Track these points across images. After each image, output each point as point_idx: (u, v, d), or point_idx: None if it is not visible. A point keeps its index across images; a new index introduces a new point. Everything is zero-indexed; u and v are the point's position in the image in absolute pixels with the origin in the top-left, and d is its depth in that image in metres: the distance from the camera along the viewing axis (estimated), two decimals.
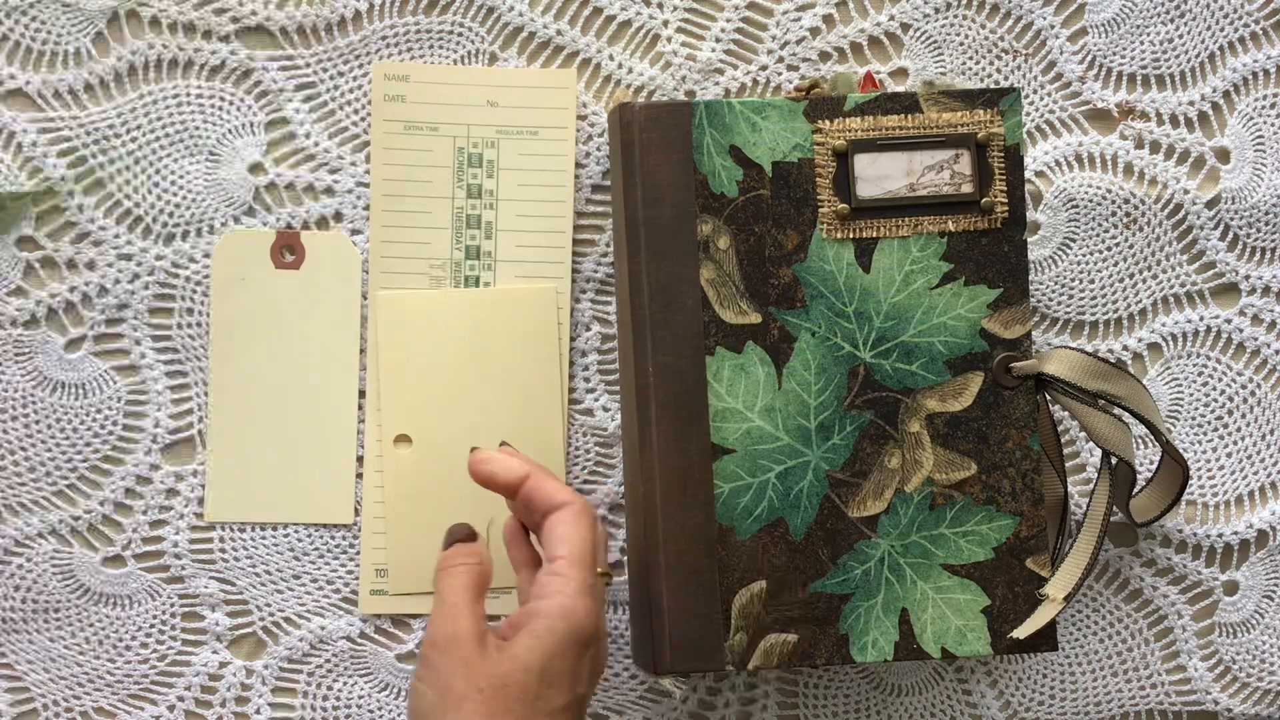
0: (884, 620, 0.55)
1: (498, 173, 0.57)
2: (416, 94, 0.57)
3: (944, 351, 0.55)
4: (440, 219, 0.58)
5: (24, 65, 0.59)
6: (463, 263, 0.57)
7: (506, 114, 0.57)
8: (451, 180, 0.57)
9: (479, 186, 0.57)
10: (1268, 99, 0.63)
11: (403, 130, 0.57)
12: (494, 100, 0.57)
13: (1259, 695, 0.63)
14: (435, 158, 0.57)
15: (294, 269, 0.57)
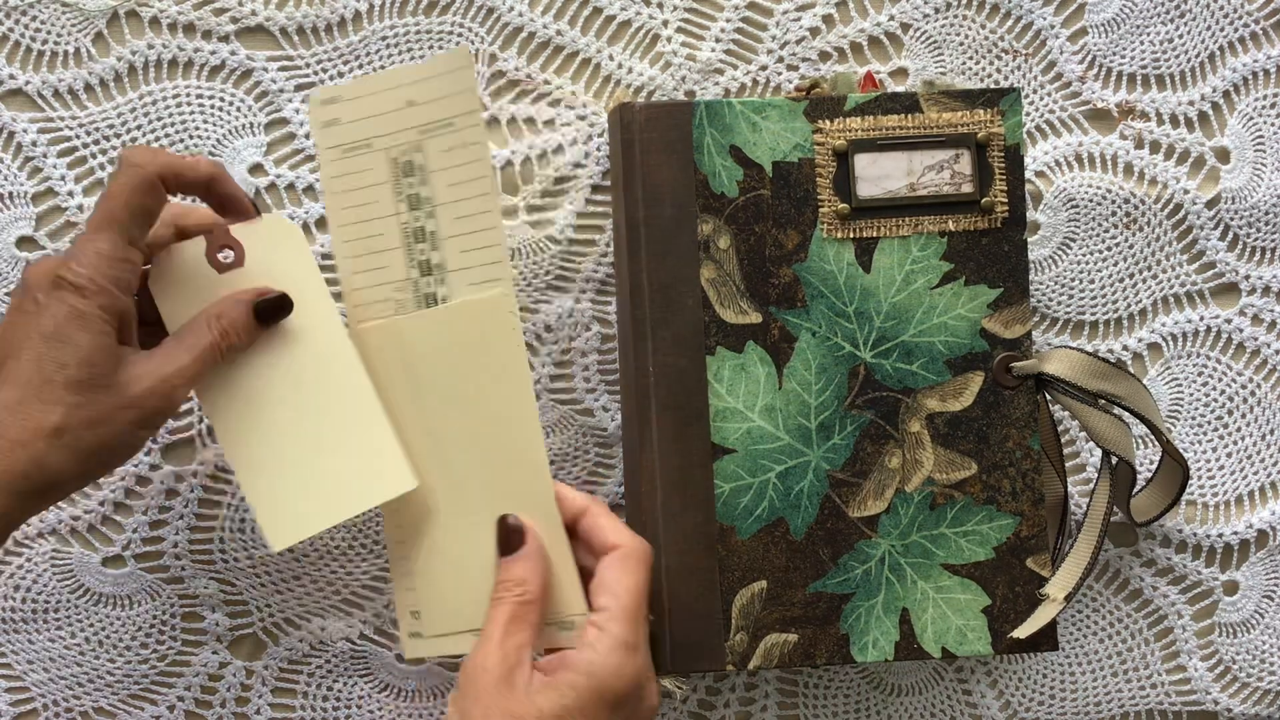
0: (884, 620, 0.55)
1: (429, 176, 0.53)
2: (347, 112, 0.53)
3: (944, 351, 0.55)
4: (391, 239, 0.54)
5: (24, 65, 0.59)
6: (419, 280, 0.54)
7: (424, 111, 0.53)
8: (392, 195, 0.53)
9: (418, 195, 0.53)
10: (1268, 99, 0.63)
11: (342, 155, 0.53)
12: (412, 99, 0.52)
13: (1259, 695, 0.63)
14: (374, 175, 0.53)
15: (239, 267, 0.52)
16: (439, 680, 0.61)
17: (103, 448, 0.47)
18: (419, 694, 0.61)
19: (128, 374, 0.47)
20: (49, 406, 0.45)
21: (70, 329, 0.46)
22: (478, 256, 0.53)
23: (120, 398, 0.46)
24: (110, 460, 0.48)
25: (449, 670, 0.61)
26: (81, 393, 0.45)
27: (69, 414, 0.45)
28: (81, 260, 0.46)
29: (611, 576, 0.50)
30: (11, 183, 0.59)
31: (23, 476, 0.45)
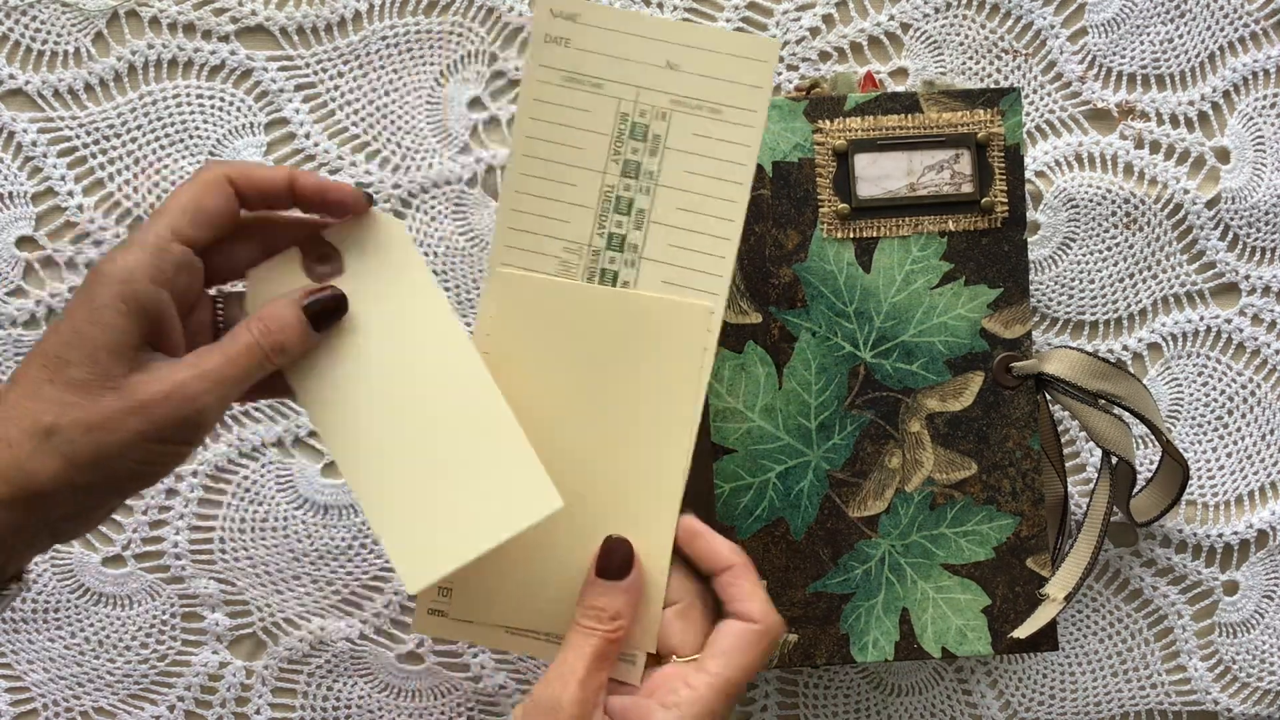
0: (884, 620, 0.55)
1: (663, 151, 0.46)
2: (583, 39, 0.46)
3: (944, 351, 0.55)
4: (585, 195, 0.47)
5: (24, 65, 0.59)
6: (602, 252, 0.47)
7: (687, 81, 0.46)
8: (607, 151, 0.47)
9: (638, 165, 0.47)
10: (1268, 99, 0.63)
11: (560, 82, 0.46)
12: (675, 62, 0.46)
13: (1259, 695, 0.63)
14: (593, 120, 0.46)
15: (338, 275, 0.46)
16: (439, 680, 0.61)
17: (101, 457, 0.40)
18: (419, 694, 0.61)
19: (141, 377, 0.41)
20: (43, 404, 0.40)
21: (84, 323, 0.40)
22: (691, 259, 0.47)
23: (126, 401, 0.40)
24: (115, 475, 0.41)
25: (450, 671, 0.61)
26: (81, 393, 0.40)
27: (62, 413, 0.40)
28: (114, 253, 0.41)
29: (734, 646, 0.45)
30: (11, 183, 0.59)
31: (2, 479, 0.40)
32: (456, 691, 0.61)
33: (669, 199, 0.47)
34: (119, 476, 0.41)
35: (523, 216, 0.48)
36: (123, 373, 0.41)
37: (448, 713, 0.62)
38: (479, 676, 0.61)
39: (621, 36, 0.46)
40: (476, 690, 0.61)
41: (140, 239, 0.41)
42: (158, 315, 0.42)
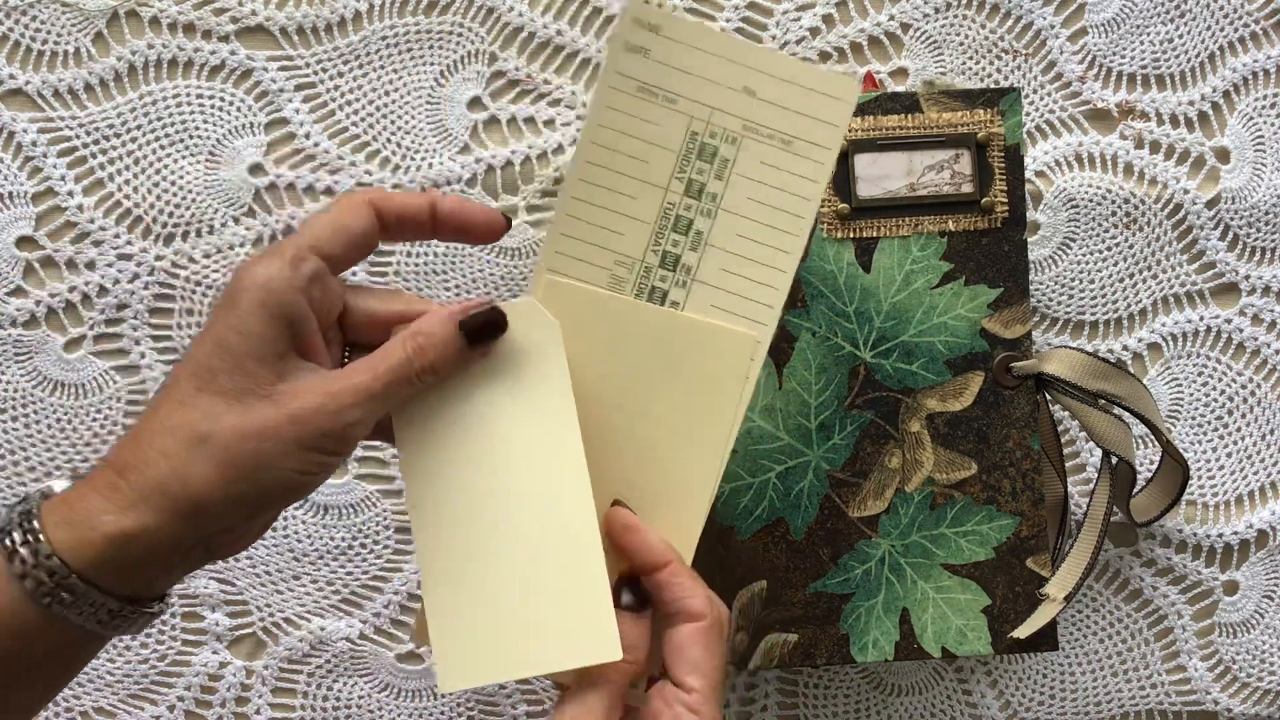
0: (884, 620, 0.55)
1: (729, 176, 0.46)
2: (664, 52, 0.45)
3: (944, 351, 0.55)
4: (645, 210, 0.46)
5: (24, 65, 0.59)
6: (654, 269, 0.46)
7: (762, 110, 0.46)
8: (672, 168, 0.46)
9: (702, 186, 0.46)
10: (1268, 99, 0.63)
11: (633, 91, 0.46)
12: (753, 88, 0.45)
13: (1259, 695, 0.63)
14: (662, 135, 0.46)
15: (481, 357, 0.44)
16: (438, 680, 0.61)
17: (257, 464, 0.40)
18: (419, 694, 0.61)
19: (293, 387, 0.40)
20: (196, 413, 0.39)
21: (228, 332, 0.40)
22: (743, 287, 0.46)
23: (279, 410, 0.40)
24: (268, 483, 0.40)
25: None
26: (233, 401, 0.40)
27: (216, 421, 0.39)
28: (253, 263, 0.41)
29: (699, 654, 0.44)
30: (11, 183, 0.59)
31: (159, 488, 0.39)
32: (457, 691, 0.61)
33: (729, 224, 0.47)
34: (275, 486, 0.40)
35: (578, 224, 0.47)
36: (271, 380, 0.40)
37: (448, 713, 0.62)
38: None
39: (702, 55, 0.46)
40: (476, 690, 0.61)
41: (279, 250, 0.41)
42: (298, 322, 0.41)
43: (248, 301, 0.40)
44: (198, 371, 0.40)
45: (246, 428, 0.40)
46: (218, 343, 0.40)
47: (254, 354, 0.40)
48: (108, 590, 0.39)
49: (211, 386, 0.40)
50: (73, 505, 0.39)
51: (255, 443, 0.40)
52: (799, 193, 0.46)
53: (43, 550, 0.38)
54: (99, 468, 0.41)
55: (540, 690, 0.62)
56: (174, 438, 0.39)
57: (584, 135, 0.46)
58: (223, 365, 0.40)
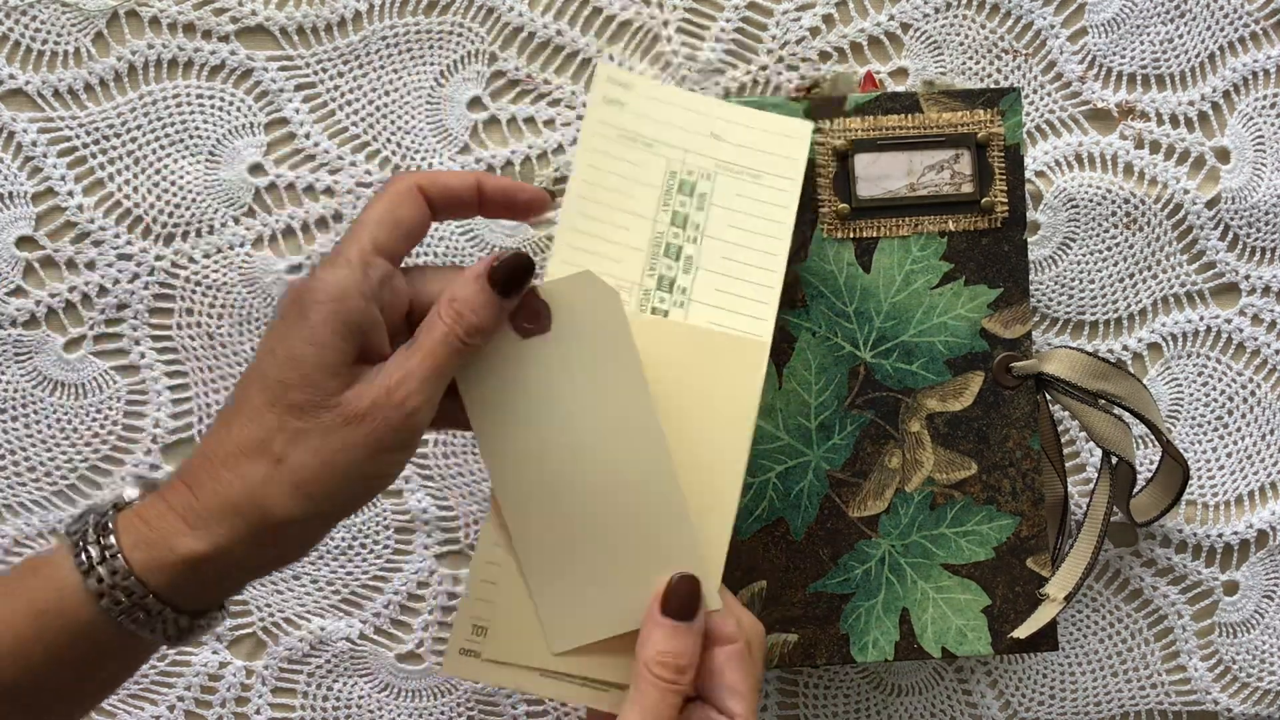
0: (884, 620, 0.55)
1: (709, 207, 0.50)
2: (637, 105, 0.50)
3: (944, 351, 0.55)
4: (637, 239, 0.50)
5: (24, 65, 0.59)
6: (652, 292, 0.50)
7: (730, 150, 0.51)
8: (657, 202, 0.50)
9: (685, 217, 0.50)
10: (1268, 99, 0.63)
11: (615, 137, 0.50)
12: (718, 133, 0.50)
13: (1259, 695, 0.63)
14: (644, 174, 0.50)
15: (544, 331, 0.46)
16: (439, 680, 0.61)
17: (331, 477, 0.40)
18: (419, 694, 0.61)
19: (354, 390, 0.40)
20: (268, 431, 0.39)
21: (297, 345, 0.40)
22: (736, 303, 0.50)
23: (344, 417, 0.40)
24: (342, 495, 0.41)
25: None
26: (304, 416, 0.39)
27: (289, 439, 0.39)
28: (321, 271, 0.41)
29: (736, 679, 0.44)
30: (11, 183, 0.59)
31: (234, 510, 0.39)
32: (456, 691, 0.61)
33: (714, 249, 0.50)
34: (350, 496, 0.41)
35: (577, 253, 0.49)
36: (338, 390, 0.40)
37: (448, 713, 0.62)
38: None
39: (669, 107, 0.50)
40: (476, 690, 0.61)
41: (344, 255, 0.41)
42: (370, 331, 0.41)
43: (321, 314, 0.40)
44: (268, 385, 0.40)
45: (317, 442, 0.39)
46: (289, 356, 0.40)
47: (325, 366, 0.40)
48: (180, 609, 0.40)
49: (282, 401, 0.39)
50: (149, 523, 0.39)
51: (327, 454, 0.39)
52: (774, 218, 0.51)
53: (121, 570, 0.39)
54: (172, 481, 0.40)
55: None
56: (247, 457, 0.39)
57: (574, 173, 0.50)
58: (294, 379, 0.39)
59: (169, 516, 0.39)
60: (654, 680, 0.43)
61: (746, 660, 0.44)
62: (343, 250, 0.41)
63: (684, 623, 0.44)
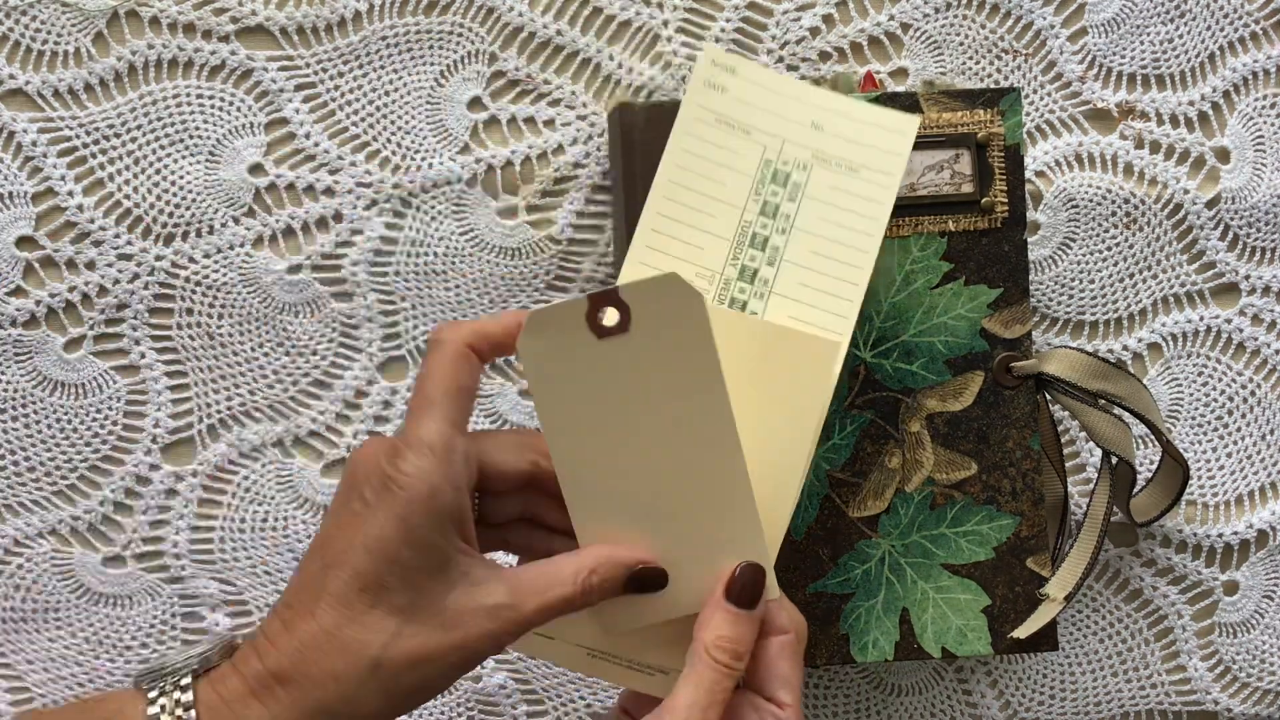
0: (884, 620, 0.55)
1: (801, 198, 0.49)
2: (739, 89, 0.50)
3: (944, 351, 0.55)
4: (724, 227, 0.49)
5: (24, 65, 0.59)
6: (733, 282, 0.49)
7: (829, 141, 0.50)
8: (749, 190, 0.49)
9: (776, 207, 0.49)
10: (1268, 99, 0.63)
11: (712, 122, 0.50)
12: (819, 123, 0.50)
13: (1259, 695, 0.63)
14: (738, 161, 0.50)
15: (622, 333, 0.44)
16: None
17: (421, 688, 0.40)
18: None
19: (459, 608, 0.40)
20: (369, 634, 0.39)
21: (394, 547, 0.39)
22: (818, 299, 0.49)
23: (450, 637, 0.39)
24: (424, 699, 0.40)
25: None
26: (405, 621, 0.39)
27: (389, 646, 0.39)
28: (408, 461, 0.40)
29: (788, 669, 0.44)
30: (11, 183, 0.59)
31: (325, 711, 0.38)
32: (456, 691, 0.61)
33: (803, 241, 0.50)
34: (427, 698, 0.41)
35: (659, 237, 0.49)
36: (441, 594, 0.40)
37: (448, 713, 0.62)
38: (479, 676, 0.61)
39: (773, 94, 0.50)
40: (476, 690, 0.61)
41: (425, 439, 0.40)
42: (463, 522, 0.41)
43: (417, 514, 0.39)
44: (366, 583, 0.39)
45: (418, 655, 0.39)
46: (386, 557, 0.39)
47: (426, 568, 0.39)
48: None
49: (384, 604, 0.39)
50: (230, 704, 0.38)
51: (423, 669, 0.39)
52: (868, 214, 0.50)
53: None
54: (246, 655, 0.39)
55: (541, 691, 0.62)
56: (344, 660, 0.39)
57: (667, 155, 0.49)
58: (395, 581, 0.39)
59: (250, 703, 0.38)
60: (711, 663, 0.43)
61: (798, 652, 0.45)
62: (422, 436, 0.40)
63: (745, 611, 0.44)
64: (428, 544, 0.39)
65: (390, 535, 0.39)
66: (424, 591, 0.39)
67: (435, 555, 0.40)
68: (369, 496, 0.40)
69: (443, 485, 0.40)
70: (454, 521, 0.40)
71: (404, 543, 0.39)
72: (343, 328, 0.61)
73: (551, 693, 0.62)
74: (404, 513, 0.39)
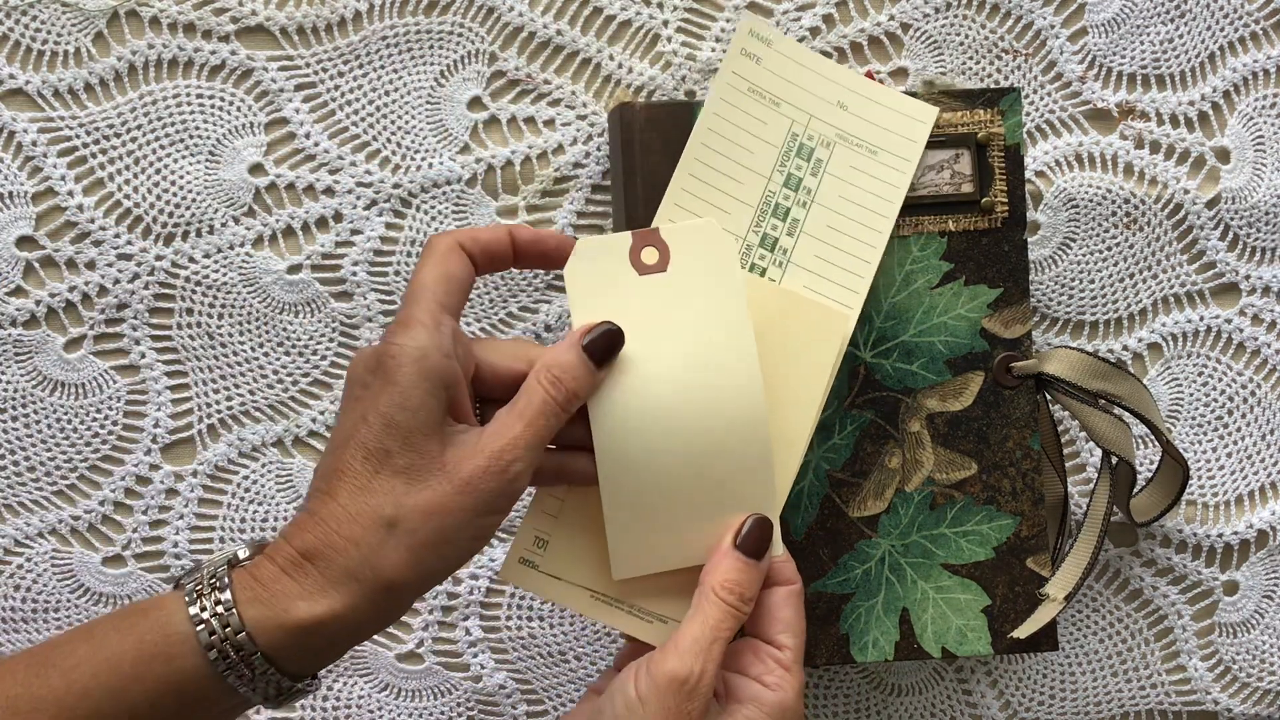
0: (884, 620, 0.55)
1: (823, 174, 0.52)
2: (772, 62, 0.52)
3: (944, 351, 0.55)
4: (749, 195, 0.52)
5: (24, 65, 0.59)
6: (754, 248, 0.52)
7: (854, 122, 0.53)
8: (774, 161, 0.52)
9: (799, 180, 0.52)
10: (1268, 99, 0.63)
11: (745, 90, 0.52)
12: (845, 103, 0.53)
13: (1259, 695, 0.63)
14: (767, 132, 0.52)
15: (661, 271, 0.48)
16: (439, 680, 0.61)
17: (441, 541, 0.41)
18: (419, 694, 0.61)
19: (458, 454, 0.42)
20: (378, 498, 0.41)
21: (397, 412, 0.41)
22: (833, 272, 0.52)
23: (453, 481, 0.42)
24: (451, 556, 0.42)
25: (450, 671, 0.61)
26: (410, 480, 0.41)
27: (399, 504, 0.41)
28: (398, 336, 0.42)
29: (791, 615, 0.47)
30: (11, 183, 0.59)
31: (352, 575, 0.40)
32: (456, 691, 0.61)
33: (821, 216, 0.53)
34: (454, 556, 0.43)
35: (687, 198, 0.52)
36: (439, 451, 0.42)
37: (448, 713, 0.62)
38: (479, 676, 0.61)
39: (804, 70, 0.53)
40: (476, 690, 0.61)
41: (415, 318, 0.43)
42: (453, 387, 0.43)
43: (407, 376, 0.42)
44: (370, 453, 0.41)
45: (429, 506, 0.41)
46: (386, 423, 0.41)
47: (422, 428, 0.42)
48: (284, 670, 0.41)
49: (388, 467, 0.41)
50: (264, 585, 0.41)
51: (438, 519, 0.41)
52: (883, 195, 0.53)
53: (234, 625, 0.40)
54: (278, 544, 0.41)
55: (540, 691, 0.62)
56: (360, 525, 0.41)
57: (700, 120, 0.52)
58: (395, 444, 0.41)
59: (283, 580, 0.41)
60: (718, 601, 0.45)
61: (800, 601, 0.47)
62: (411, 315, 0.43)
63: (753, 560, 0.47)
64: (420, 404, 0.41)
65: (386, 404, 0.41)
66: (424, 451, 0.41)
67: (429, 415, 0.42)
68: (367, 379, 0.42)
69: (431, 350, 0.42)
70: (445, 385, 0.42)
71: (399, 407, 0.41)
72: (343, 328, 0.61)
73: (551, 693, 0.62)
74: (397, 379, 0.41)
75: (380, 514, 0.41)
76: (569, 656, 0.62)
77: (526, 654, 0.61)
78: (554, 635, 0.61)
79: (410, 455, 0.41)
